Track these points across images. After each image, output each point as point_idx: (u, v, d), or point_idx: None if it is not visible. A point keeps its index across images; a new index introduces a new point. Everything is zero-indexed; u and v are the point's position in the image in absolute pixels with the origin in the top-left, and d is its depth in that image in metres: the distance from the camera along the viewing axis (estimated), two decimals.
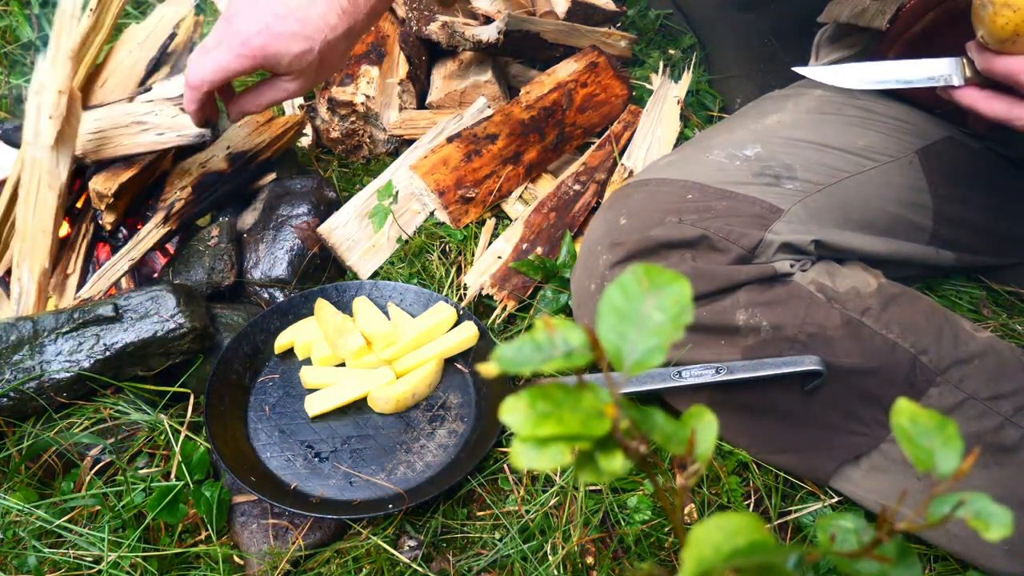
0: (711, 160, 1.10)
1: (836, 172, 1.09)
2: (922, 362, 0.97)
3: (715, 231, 1.00)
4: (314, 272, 1.34)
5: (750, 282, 1.00)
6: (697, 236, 1.01)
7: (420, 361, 1.18)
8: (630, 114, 1.53)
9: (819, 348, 0.97)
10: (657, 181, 1.10)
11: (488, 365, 0.36)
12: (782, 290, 1.00)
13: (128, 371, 1.11)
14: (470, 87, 1.56)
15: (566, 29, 1.59)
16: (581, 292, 1.10)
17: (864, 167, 1.10)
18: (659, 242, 1.02)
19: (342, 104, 1.52)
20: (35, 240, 1.18)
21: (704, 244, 1.01)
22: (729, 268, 1.00)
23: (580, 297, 1.11)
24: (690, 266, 1.00)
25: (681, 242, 1.01)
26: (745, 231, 1.01)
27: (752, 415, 1.05)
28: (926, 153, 1.15)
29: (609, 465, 0.37)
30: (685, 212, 1.03)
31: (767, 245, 1.01)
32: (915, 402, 0.96)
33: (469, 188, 1.36)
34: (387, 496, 1.05)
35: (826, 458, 1.02)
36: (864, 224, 1.09)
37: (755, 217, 1.02)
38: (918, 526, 0.37)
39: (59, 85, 1.16)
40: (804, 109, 1.18)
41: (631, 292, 0.39)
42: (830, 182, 1.07)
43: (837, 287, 1.01)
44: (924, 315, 1.00)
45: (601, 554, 1.01)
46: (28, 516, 1.01)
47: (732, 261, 1.00)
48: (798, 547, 0.37)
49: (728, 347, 1.01)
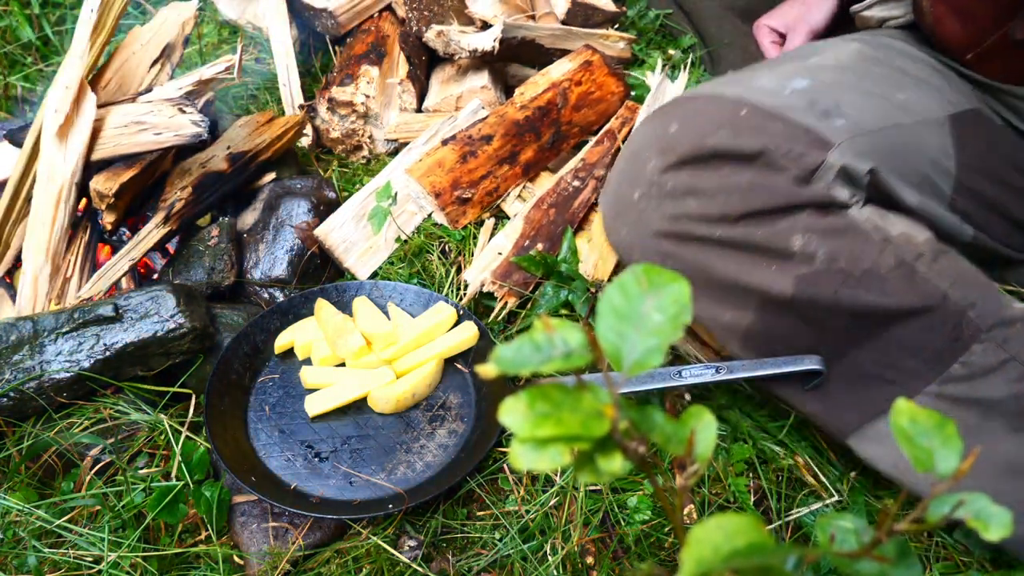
0: (760, 85, 1.06)
1: (879, 119, 1.05)
2: (969, 316, 0.95)
3: (775, 147, 0.96)
4: (314, 272, 1.34)
5: (810, 206, 0.96)
6: (756, 149, 0.95)
7: (420, 361, 1.18)
8: (628, 110, 1.53)
9: (871, 286, 0.94)
10: (707, 97, 1.05)
11: (487, 366, 0.36)
12: (840, 220, 0.96)
13: (128, 371, 1.11)
14: (467, 92, 1.56)
15: (563, 34, 1.59)
16: (620, 202, 1.06)
17: (903, 121, 1.07)
18: (715, 150, 0.97)
19: (342, 104, 1.52)
20: (34, 231, 1.19)
21: (762, 160, 0.95)
22: (790, 186, 0.95)
23: (619, 207, 1.07)
24: (747, 179, 0.95)
25: (738, 153, 0.96)
26: (805, 151, 0.96)
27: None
28: (956, 119, 1.13)
29: (608, 465, 0.37)
30: (739, 127, 0.98)
31: (826, 169, 0.95)
32: (958, 357, 0.96)
33: (465, 189, 1.36)
34: (387, 496, 1.04)
35: (853, 410, 0.99)
36: (902, 176, 1.06)
37: (812, 143, 0.98)
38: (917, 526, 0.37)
39: (65, 81, 1.17)
40: (845, 56, 1.15)
41: (630, 292, 0.39)
42: (875, 128, 1.04)
43: (890, 230, 0.98)
44: (972, 272, 0.99)
45: (601, 554, 1.01)
46: (28, 516, 1.01)
47: (790, 182, 0.96)
48: (797, 547, 0.37)
49: (779, 273, 0.97)
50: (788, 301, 0.97)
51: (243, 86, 1.72)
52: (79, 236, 1.27)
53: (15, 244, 1.26)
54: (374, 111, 1.53)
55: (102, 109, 1.24)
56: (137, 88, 1.35)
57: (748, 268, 0.99)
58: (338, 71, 1.58)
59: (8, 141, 1.27)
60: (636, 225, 1.06)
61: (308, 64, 1.78)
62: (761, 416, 1.15)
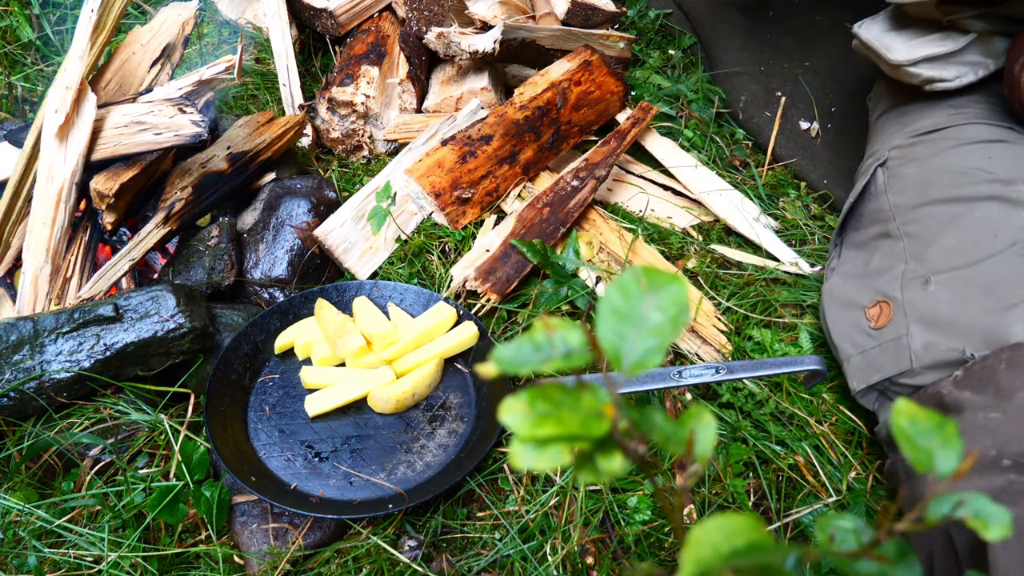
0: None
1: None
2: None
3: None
4: (314, 272, 1.34)
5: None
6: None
7: (420, 361, 1.18)
8: (641, 111, 1.52)
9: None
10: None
11: (487, 366, 0.36)
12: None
13: (128, 371, 1.11)
14: (467, 93, 1.57)
15: (562, 34, 1.59)
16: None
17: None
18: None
19: (342, 104, 1.52)
20: (34, 231, 1.19)
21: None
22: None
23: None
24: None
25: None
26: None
27: None
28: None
29: (608, 465, 0.37)
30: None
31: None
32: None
33: (465, 189, 1.36)
34: (387, 496, 1.04)
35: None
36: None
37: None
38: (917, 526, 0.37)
39: (66, 81, 1.18)
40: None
41: (630, 292, 0.39)
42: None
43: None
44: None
45: (601, 554, 1.01)
46: (28, 516, 1.01)
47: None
48: (797, 547, 0.37)
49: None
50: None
51: (243, 86, 1.72)
52: (79, 236, 1.27)
53: (15, 244, 1.26)
54: (374, 111, 1.53)
55: (102, 109, 1.24)
56: (137, 88, 1.35)
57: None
58: (338, 71, 1.58)
59: (8, 141, 1.27)
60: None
61: (308, 64, 1.78)
62: (761, 416, 1.15)
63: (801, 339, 1.25)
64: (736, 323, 1.28)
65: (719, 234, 1.46)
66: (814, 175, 1.58)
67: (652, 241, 1.42)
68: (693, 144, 1.62)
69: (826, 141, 1.62)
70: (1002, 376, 0.87)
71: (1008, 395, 0.85)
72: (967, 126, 1.15)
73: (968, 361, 0.93)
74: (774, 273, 1.37)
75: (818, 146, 1.62)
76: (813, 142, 1.63)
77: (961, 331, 0.96)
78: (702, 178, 1.52)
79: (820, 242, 1.46)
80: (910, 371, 0.99)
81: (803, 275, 1.36)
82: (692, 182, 1.51)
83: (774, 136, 1.64)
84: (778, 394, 1.16)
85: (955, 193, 1.07)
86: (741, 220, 1.45)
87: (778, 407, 1.15)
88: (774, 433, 1.12)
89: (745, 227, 1.44)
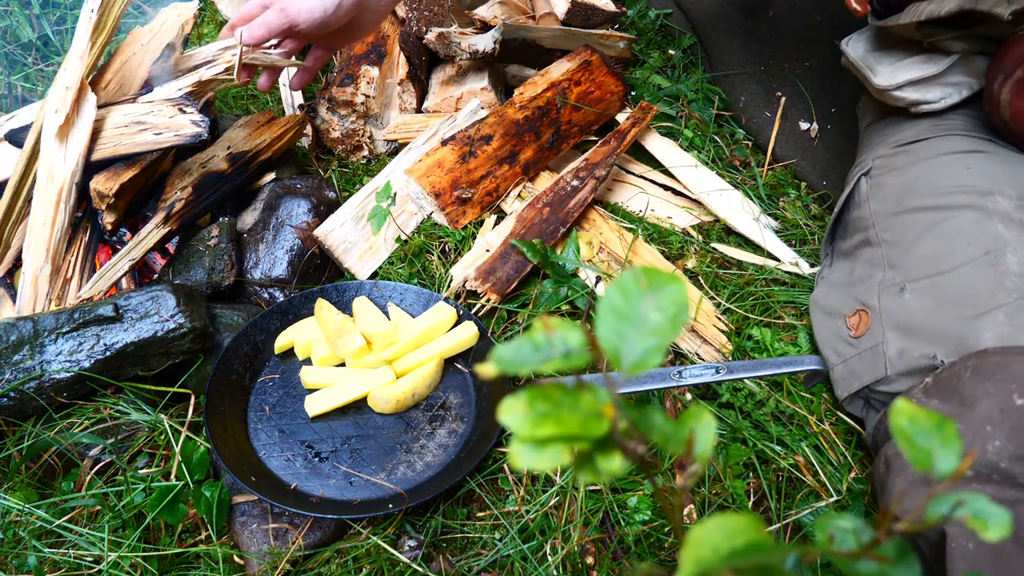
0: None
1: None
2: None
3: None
4: (314, 272, 1.34)
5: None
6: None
7: (420, 361, 1.18)
8: (641, 111, 1.52)
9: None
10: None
11: (487, 366, 0.36)
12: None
13: (128, 371, 1.11)
14: (466, 93, 1.57)
15: (562, 34, 1.59)
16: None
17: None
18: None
19: (342, 104, 1.52)
20: (34, 231, 1.19)
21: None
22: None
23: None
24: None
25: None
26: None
27: None
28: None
29: (608, 465, 0.37)
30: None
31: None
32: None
33: (465, 189, 1.36)
34: (387, 496, 1.04)
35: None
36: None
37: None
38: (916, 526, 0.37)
39: (66, 81, 1.18)
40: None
41: (630, 292, 0.39)
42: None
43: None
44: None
45: (601, 554, 1.01)
46: (28, 516, 1.01)
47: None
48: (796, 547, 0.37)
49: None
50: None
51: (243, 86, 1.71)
52: (79, 236, 1.27)
53: (15, 244, 1.26)
54: (374, 111, 1.53)
55: (102, 109, 1.24)
56: (137, 88, 1.35)
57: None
58: (338, 71, 1.58)
59: (8, 141, 1.27)
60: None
61: None
62: (761, 416, 1.15)
63: (801, 339, 1.25)
64: (736, 323, 1.28)
65: (719, 234, 1.46)
66: (814, 176, 1.59)
67: (652, 241, 1.42)
68: (693, 144, 1.62)
69: (826, 142, 1.62)
70: (966, 384, 0.87)
71: (971, 404, 0.85)
72: (948, 137, 1.16)
73: (938, 367, 0.93)
74: (774, 273, 1.37)
75: (818, 147, 1.62)
76: (813, 143, 1.63)
77: (934, 338, 0.96)
78: (702, 178, 1.52)
79: (820, 242, 1.46)
80: (885, 378, 0.99)
81: (803, 275, 1.36)
82: (692, 182, 1.51)
83: (774, 136, 1.64)
84: (778, 394, 1.16)
85: (932, 202, 1.08)
86: (741, 220, 1.45)
87: (778, 407, 1.15)
88: (774, 433, 1.12)
89: (745, 227, 1.44)
